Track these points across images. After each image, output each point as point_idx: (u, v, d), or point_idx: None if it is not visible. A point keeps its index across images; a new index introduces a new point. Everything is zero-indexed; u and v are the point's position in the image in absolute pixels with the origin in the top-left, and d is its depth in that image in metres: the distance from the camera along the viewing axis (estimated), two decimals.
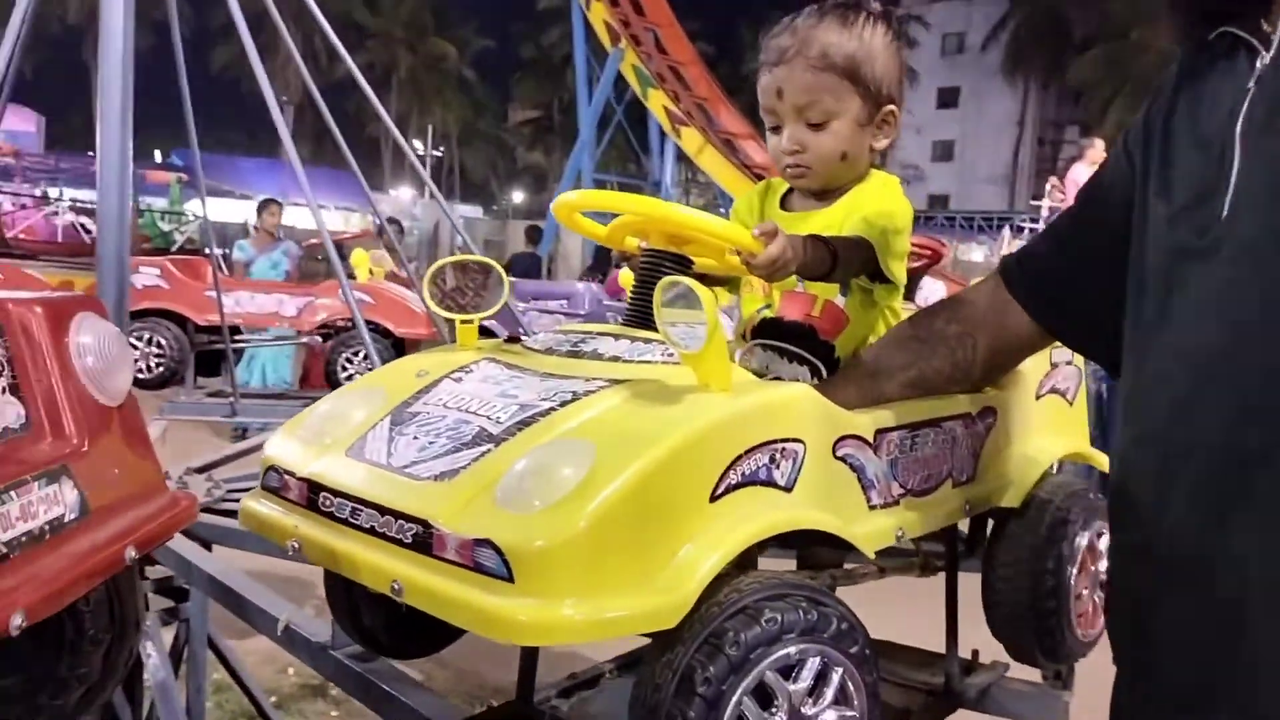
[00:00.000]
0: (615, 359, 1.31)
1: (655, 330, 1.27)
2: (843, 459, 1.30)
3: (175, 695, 2.54)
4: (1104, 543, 1.70)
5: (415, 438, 1.23)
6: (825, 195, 1.61)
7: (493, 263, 1.50)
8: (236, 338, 8.11)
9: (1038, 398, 1.72)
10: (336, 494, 1.21)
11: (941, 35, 46.03)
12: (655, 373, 1.26)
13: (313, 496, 1.24)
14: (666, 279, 1.17)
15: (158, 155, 35.40)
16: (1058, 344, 1.65)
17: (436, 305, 1.46)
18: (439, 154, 44.89)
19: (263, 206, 9.32)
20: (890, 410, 1.42)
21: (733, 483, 1.14)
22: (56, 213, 18.80)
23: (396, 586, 1.09)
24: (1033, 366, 1.68)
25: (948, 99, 46.56)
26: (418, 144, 42.02)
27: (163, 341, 8.47)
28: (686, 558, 1.09)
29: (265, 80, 3.23)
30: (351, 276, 8.57)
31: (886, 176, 1.63)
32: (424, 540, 1.09)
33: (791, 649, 1.09)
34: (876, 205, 1.55)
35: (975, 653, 1.85)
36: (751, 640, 1.07)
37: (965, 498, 1.55)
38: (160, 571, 2.54)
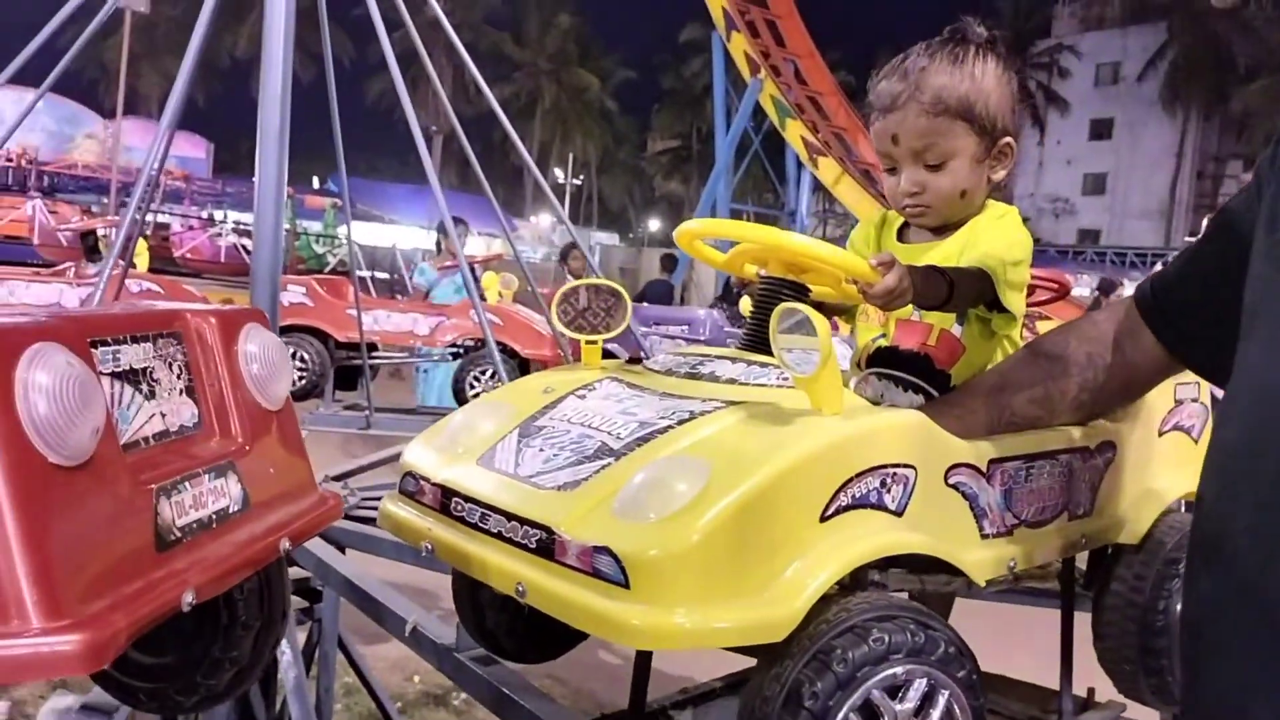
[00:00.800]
0: (732, 381, 1.35)
1: (771, 354, 1.30)
2: (955, 486, 1.31)
3: (306, 693, 2.66)
4: None
5: (541, 450, 1.30)
6: (943, 229, 1.62)
7: (619, 287, 1.56)
8: (374, 354, 8.44)
9: (1161, 434, 1.69)
10: (467, 499, 1.28)
11: (1095, 65, 44.53)
12: (770, 395, 1.29)
13: (445, 501, 1.32)
14: (783, 305, 1.21)
15: (315, 181, 37.20)
16: (1183, 379, 1.62)
17: (564, 325, 1.53)
18: (579, 182, 45.70)
19: (441, 229, 8.97)
20: (1005, 440, 1.42)
21: (843, 504, 1.16)
22: (220, 234, 19.97)
23: (520, 588, 1.15)
24: (1157, 402, 1.65)
25: (1101, 130, 44.96)
26: (558, 172, 42.92)
27: (305, 356, 8.91)
28: (796, 574, 1.11)
29: (410, 110, 3.40)
30: (482, 298, 8.85)
31: (1005, 207, 1.63)
32: (547, 545, 1.15)
33: (899, 669, 1.11)
34: (994, 236, 1.56)
35: (1091, 691, 1.81)
36: (859, 658, 1.09)
37: (1082, 531, 1.53)
38: (296, 572, 2.67)
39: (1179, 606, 1.54)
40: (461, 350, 8.85)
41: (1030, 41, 44.97)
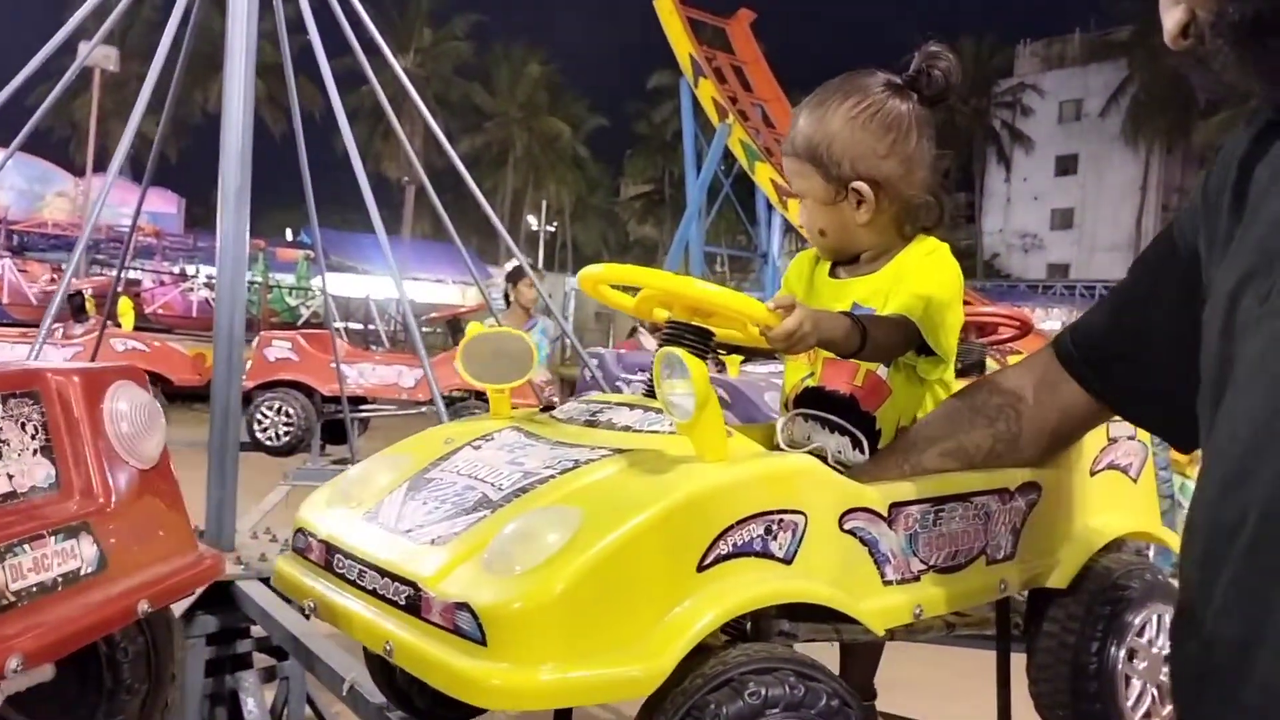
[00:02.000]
0: (626, 429, 1.34)
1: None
2: (851, 532, 1.27)
3: None
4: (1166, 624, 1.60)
5: (424, 503, 1.27)
6: (872, 260, 1.61)
7: (523, 335, 1.55)
8: (360, 407, 8.38)
9: (1093, 474, 1.64)
10: (348, 556, 1.25)
11: (1059, 102, 45.26)
12: (658, 442, 1.27)
13: (329, 558, 1.29)
14: (662, 351, 1.20)
15: (289, 233, 37.17)
16: (1117, 419, 1.58)
17: (470, 374, 1.50)
18: (552, 229, 45.88)
19: (516, 276, 7.97)
20: (909, 484, 1.39)
21: (723, 553, 1.13)
22: (192, 289, 19.90)
23: (388, 647, 1.12)
24: (1088, 441, 1.60)
25: (1067, 166, 45.60)
26: (531, 219, 43.07)
27: (291, 411, 8.87)
28: (668, 627, 1.08)
29: (359, 164, 3.40)
30: None
31: (933, 244, 1.61)
32: (414, 602, 1.12)
33: None
34: (920, 275, 1.54)
35: None
36: (732, 714, 1.05)
37: (1000, 576, 1.49)
38: (261, 631, 2.64)
39: (1112, 650, 1.52)
40: (448, 402, 8.83)
41: (994, 81, 45.76)
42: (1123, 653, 1.53)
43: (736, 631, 1.31)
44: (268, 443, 8.67)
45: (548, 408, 1.51)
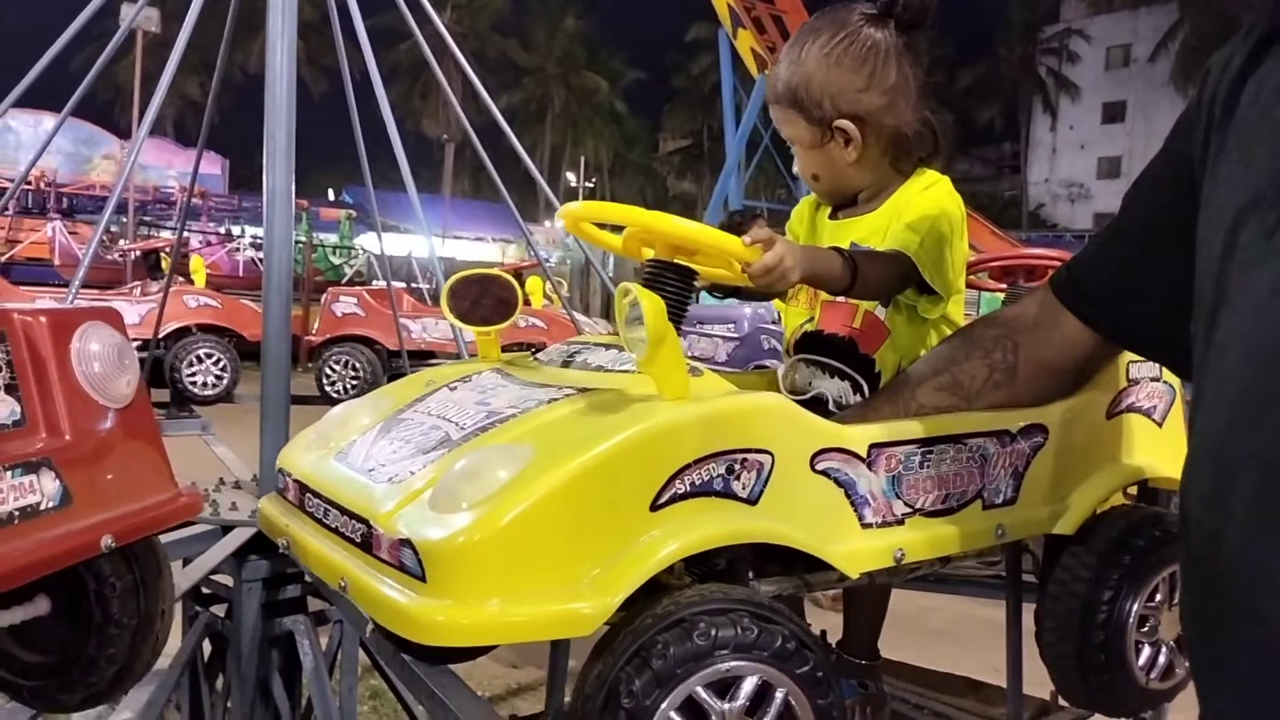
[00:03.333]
0: (599, 368, 1.32)
1: None
2: (824, 473, 1.24)
3: (329, 693, 2.70)
4: None
5: (391, 443, 1.27)
6: (870, 199, 1.57)
7: (509, 277, 1.52)
8: (427, 361, 8.55)
9: (1110, 416, 1.56)
10: (316, 495, 1.26)
11: (1105, 48, 44.10)
12: (625, 381, 1.25)
13: (302, 497, 1.30)
14: (621, 287, 1.17)
15: (330, 193, 37.38)
16: (1136, 359, 1.54)
17: (456, 317, 1.49)
18: (591, 185, 45.75)
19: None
20: (891, 425, 1.36)
21: (679, 492, 1.11)
22: (238, 249, 20.17)
23: (343, 583, 1.13)
24: (1103, 383, 1.54)
25: (1114, 114, 44.52)
26: (570, 176, 42.98)
27: (357, 365, 9.12)
28: (617, 565, 1.06)
29: (391, 119, 3.43)
30: (527, 302, 8.96)
31: (934, 176, 1.55)
32: (367, 540, 1.12)
33: (725, 665, 1.06)
34: (919, 210, 1.49)
35: (1054, 694, 1.72)
36: (680, 654, 1.04)
37: (998, 521, 1.42)
38: None
39: (1123, 600, 1.46)
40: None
41: (1039, 27, 44.68)
42: (1134, 605, 1.47)
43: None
44: (335, 395, 9.00)
45: (538, 349, 1.51)
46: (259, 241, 19.77)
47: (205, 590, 2.81)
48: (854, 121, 1.50)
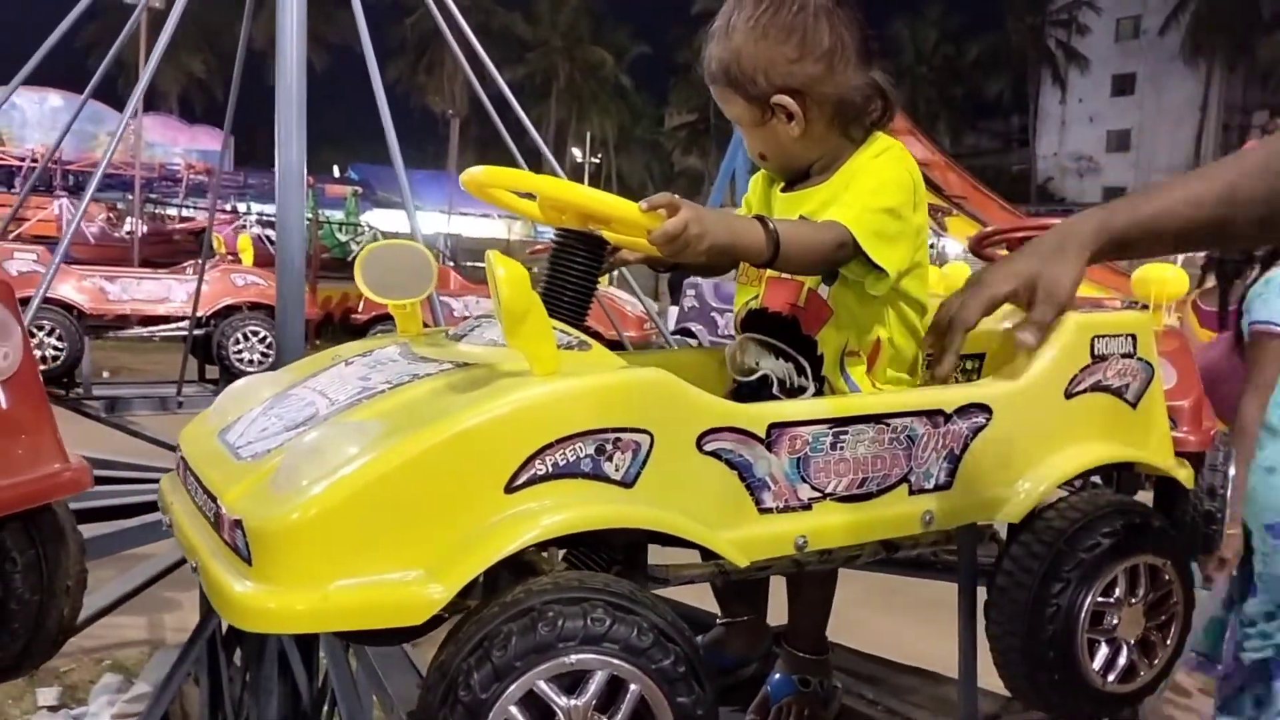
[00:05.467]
0: (491, 343, 1.25)
1: (560, 313, 1.23)
2: (715, 454, 1.16)
3: (344, 664, 2.71)
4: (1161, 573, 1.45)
5: (268, 420, 1.22)
6: (823, 170, 1.47)
7: (422, 247, 1.45)
8: None
9: (1069, 396, 1.44)
10: (192, 473, 1.21)
11: (1115, 20, 43.73)
12: (503, 356, 1.18)
13: (186, 475, 1.26)
14: (486, 255, 1.10)
15: (335, 170, 37.30)
16: (1103, 332, 1.44)
17: (368, 290, 1.40)
18: (597, 160, 45.63)
19: None
20: (799, 403, 1.29)
21: (539, 473, 1.05)
22: (245, 226, 20.13)
23: (193, 565, 1.08)
24: (1061, 358, 1.43)
25: (1123, 86, 44.17)
26: (576, 151, 42.85)
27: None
28: (462, 550, 1.00)
29: (381, 92, 3.39)
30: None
31: (887, 142, 1.46)
32: (217, 519, 1.07)
33: (570, 658, 1.00)
34: (864, 178, 1.40)
35: None
36: (521, 647, 0.98)
37: (927, 508, 1.33)
38: None
39: (1075, 593, 1.37)
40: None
41: None
42: (1087, 599, 1.38)
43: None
44: None
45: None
46: (266, 219, 19.79)
47: None
48: (792, 95, 1.41)
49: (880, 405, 1.30)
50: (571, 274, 1.29)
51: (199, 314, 6.44)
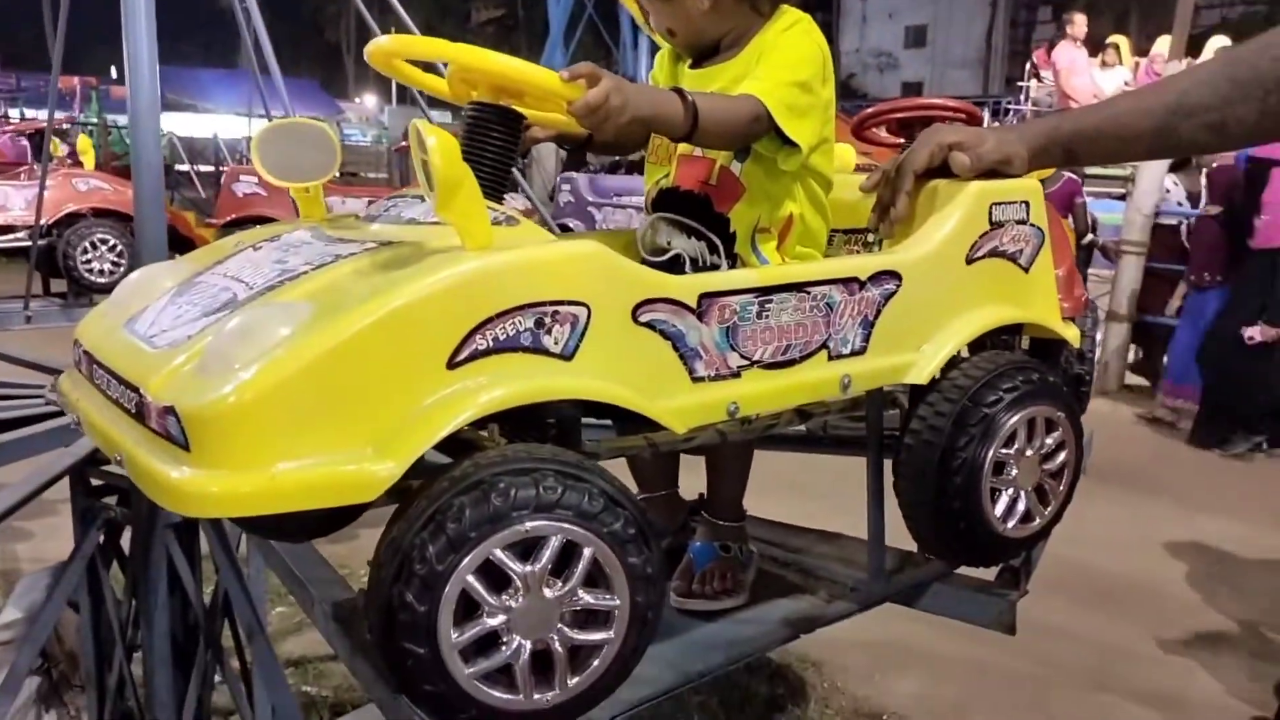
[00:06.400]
0: (411, 221, 1.22)
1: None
2: (649, 325, 1.16)
3: (235, 575, 2.60)
4: (1056, 427, 1.53)
5: (180, 307, 1.17)
6: (731, 46, 1.45)
7: (324, 125, 1.37)
8: None
9: (969, 261, 1.48)
10: (100, 365, 1.16)
11: None
12: (430, 233, 1.15)
13: (90, 369, 1.20)
14: (413, 125, 1.05)
15: (114, 71, 34.52)
16: (1001, 198, 1.48)
17: (267, 172, 1.33)
18: None
19: None
20: (728, 273, 1.31)
21: (480, 348, 1.03)
22: (22, 134, 18.56)
23: (118, 457, 1.04)
24: (962, 226, 1.46)
25: None
26: None
27: None
28: (408, 427, 0.99)
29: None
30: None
31: (796, 15, 1.44)
32: (141, 409, 1.03)
33: (524, 526, 1.01)
34: (775, 52, 1.38)
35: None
36: (476, 517, 0.99)
37: (845, 372, 1.36)
38: None
39: (978, 447, 1.43)
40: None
41: None
42: (990, 451, 1.44)
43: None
44: None
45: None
46: (39, 125, 18.26)
47: (95, 482, 2.68)
48: None
49: (801, 274, 1.31)
50: (489, 151, 1.23)
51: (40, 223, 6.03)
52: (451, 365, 1.01)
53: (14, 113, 23.40)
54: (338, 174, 1.29)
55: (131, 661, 2.89)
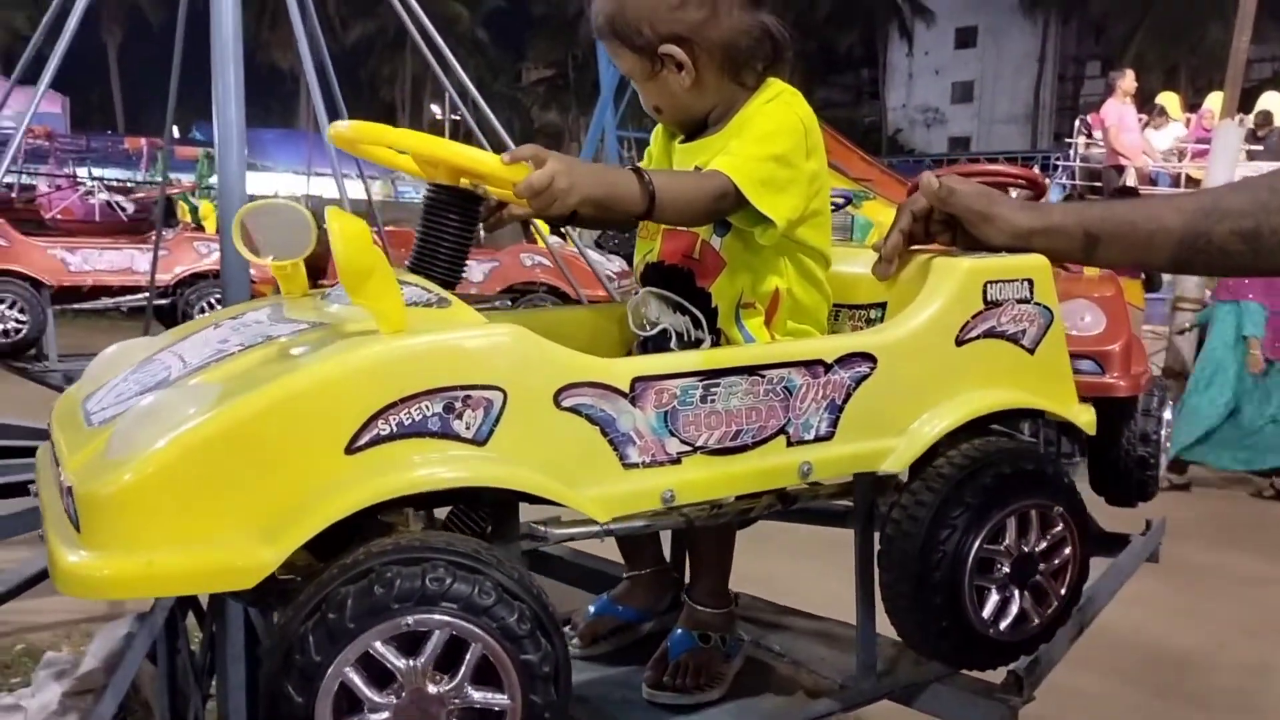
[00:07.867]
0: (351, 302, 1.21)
1: (430, 270, 1.23)
2: (573, 409, 1.14)
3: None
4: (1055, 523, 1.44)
5: (129, 384, 1.18)
6: (718, 121, 1.45)
7: (299, 206, 1.39)
8: None
9: (960, 343, 1.39)
10: (53, 441, 1.18)
11: None
12: (358, 314, 1.13)
13: (54, 446, 1.20)
14: (328, 211, 1.06)
15: (175, 131, 35.56)
16: (996, 277, 1.41)
17: (246, 251, 1.35)
18: (456, 118, 44.76)
19: None
20: (666, 357, 1.27)
21: (383, 433, 1.02)
22: (92, 192, 19.20)
23: (41, 533, 1.05)
24: (952, 306, 1.39)
25: (966, 39, 45.73)
26: (434, 108, 42.00)
27: None
28: (297, 513, 0.99)
29: (306, 49, 3.31)
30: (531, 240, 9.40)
31: (779, 87, 1.43)
32: (64, 489, 1.04)
33: (406, 619, 0.98)
34: (753, 125, 1.38)
35: None
36: (357, 608, 0.97)
37: (806, 459, 1.29)
38: None
39: (963, 540, 1.36)
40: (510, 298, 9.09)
41: None
42: (974, 545, 1.36)
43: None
44: None
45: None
46: (111, 184, 18.85)
47: None
48: (679, 44, 1.37)
49: (754, 356, 1.27)
50: (445, 231, 1.26)
51: (162, 284, 6.47)
52: (350, 450, 1.01)
53: (81, 171, 24.21)
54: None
55: (205, 710, 2.89)
